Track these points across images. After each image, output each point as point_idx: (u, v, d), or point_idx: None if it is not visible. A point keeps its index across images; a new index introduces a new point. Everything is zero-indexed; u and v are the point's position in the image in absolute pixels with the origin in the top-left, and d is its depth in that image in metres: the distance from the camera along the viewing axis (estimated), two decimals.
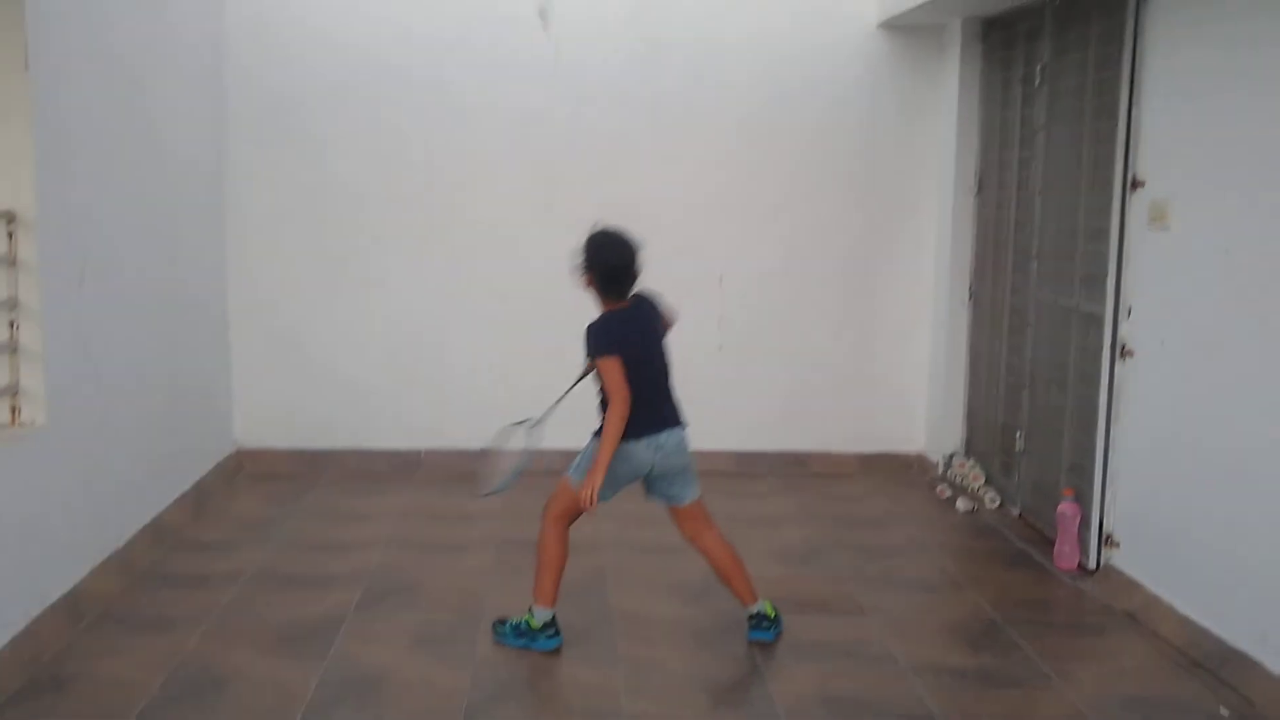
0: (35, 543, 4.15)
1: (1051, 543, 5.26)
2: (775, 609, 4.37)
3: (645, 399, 4.06)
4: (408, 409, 6.72)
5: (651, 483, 4.24)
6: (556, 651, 4.22)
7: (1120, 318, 4.85)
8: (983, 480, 6.20)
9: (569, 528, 4.26)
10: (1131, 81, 4.76)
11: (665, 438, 4.13)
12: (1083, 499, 5.08)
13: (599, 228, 4.17)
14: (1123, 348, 4.84)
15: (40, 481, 4.22)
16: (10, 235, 4.15)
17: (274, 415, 6.65)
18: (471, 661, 4.13)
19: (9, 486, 4.00)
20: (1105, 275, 4.91)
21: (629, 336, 4.07)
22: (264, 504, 6.00)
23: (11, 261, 4.16)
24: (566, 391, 4.33)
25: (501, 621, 4.32)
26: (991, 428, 6.24)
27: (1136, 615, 4.58)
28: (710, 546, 4.31)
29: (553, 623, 4.24)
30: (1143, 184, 4.70)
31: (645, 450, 4.10)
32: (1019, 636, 4.40)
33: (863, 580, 5.03)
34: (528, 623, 4.23)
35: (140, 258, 5.20)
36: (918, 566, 5.29)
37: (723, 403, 6.74)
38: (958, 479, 6.36)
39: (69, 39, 4.42)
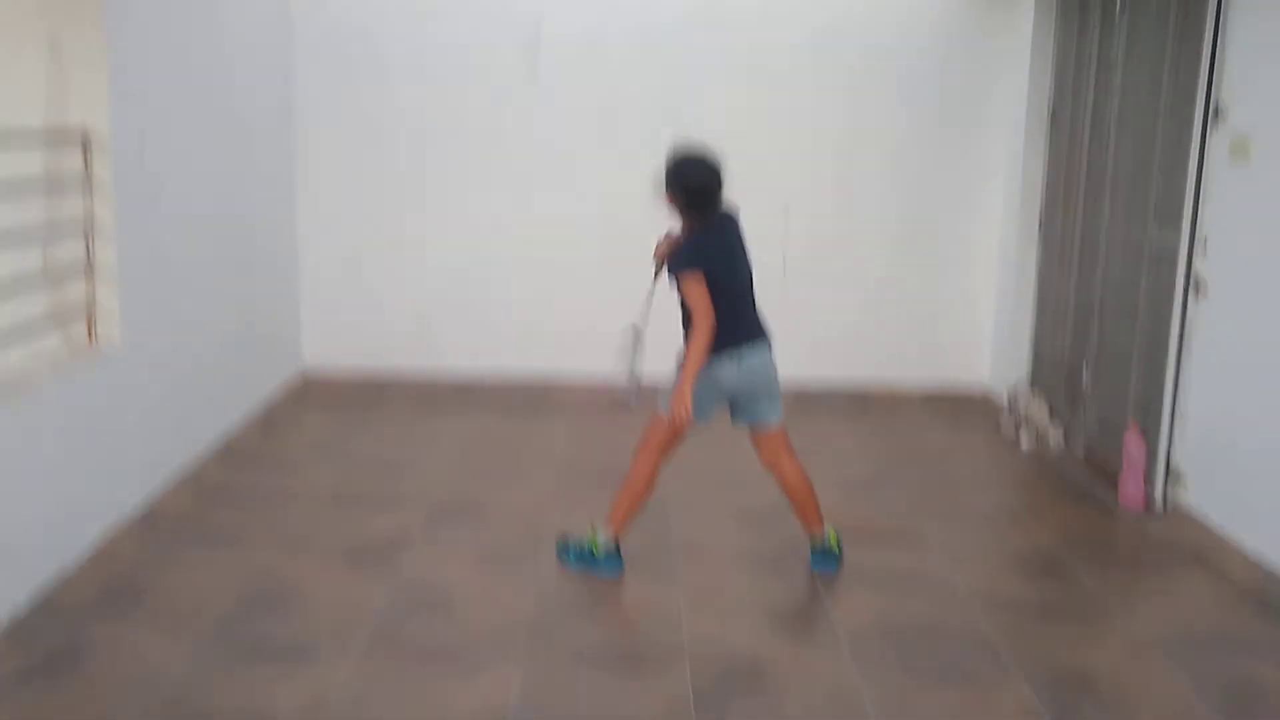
0: (111, 458, 4.27)
1: (1116, 480, 5.21)
2: (840, 543, 4.38)
3: (728, 315, 4.04)
4: (471, 333, 6.78)
5: (736, 403, 4.23)
6: (619, 579, 4.27)
7: (1195, 253, 4.75)
8: (1047, 415, 6.14)
9: (662, 461, 4.26)
10: (1219, 7, 4.61)
11: (748, 352, 4.11)
12: (1149, 436, 5.02)
13: (682, 147, 4.14)
14: (1196, 283, 4.75)
15: (116, 399, 4.32)
16: (86, 155, 4.20)
17: (340, 338, 6.74)
18: (535, 579, 4.20)
19: (86, 403, 4.10)
20: (1181, 208, 4.80)
21: (711, 254, 4.05)
22: (330, 425, 6.10)
23: (88, 182, 4.22)
24: (652, 292, 4.28)
25: (565, 541, 4.37)
26: (1058, 362, 6.17)
27: (1203, 555, 4.54)
28: (788, 472, 4.32)
29: (617, 552, 4.28)
30: (1225, 115, 4.58)
31: (728, 365, 4.09)
32: (1080, 571, 4.39)
33: (923, 512, 5.02)
34: (591, 549, 4.27)
35: (211, 179, 5.26)
36: (980, 500, 5.27)
37: (786, 330, 6.67)
38: (1022, 413, 6.31)
39: None
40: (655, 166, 4.17)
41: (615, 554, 4.27)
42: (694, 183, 4.06)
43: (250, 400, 5.84)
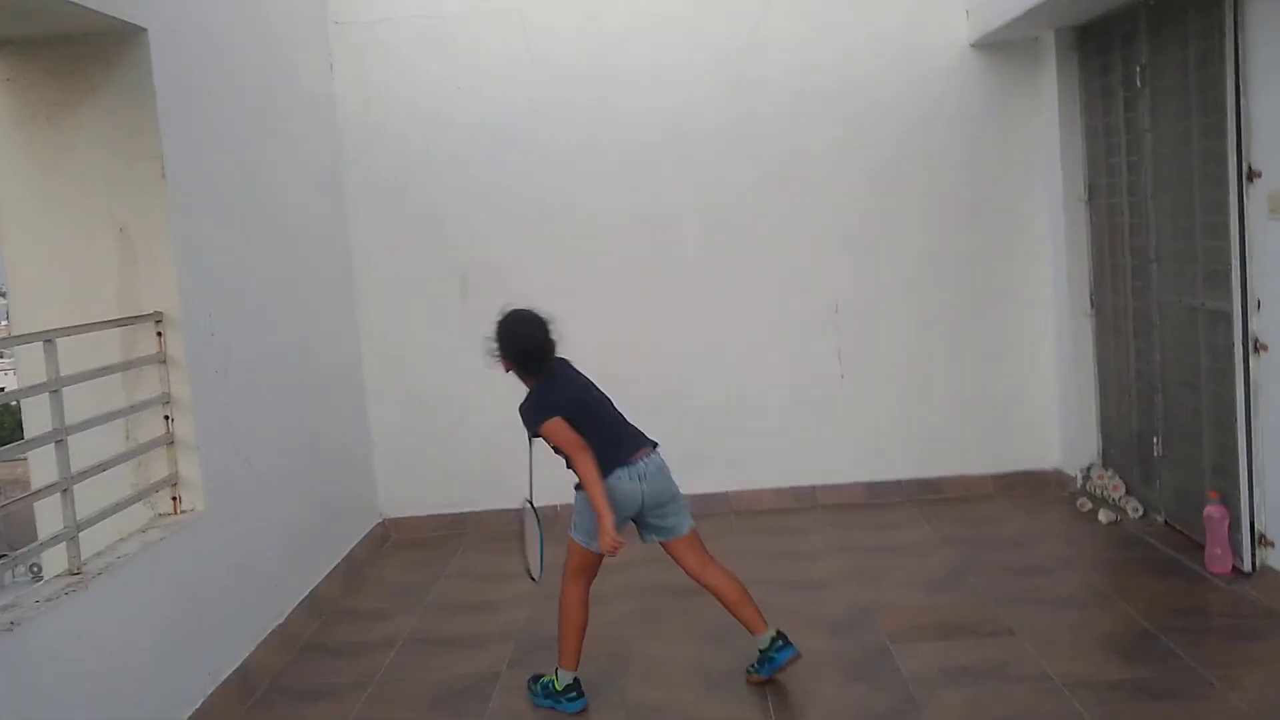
0: (204, 622, 4.37)
1: (1201, 548, 5.14)
2: (781, 631, 4.28)
3: (606, 439, 4.14)
4: (539, 465, 6.84)
5: (643, 520, 4.26)
6: (583, 713, 4.23)
7: (1250, 312, 4.75)
8: (1123, 490, 6.08)
9: (588, 587, 4.31)
10: (1237, 73, 4.70)
11: (644, 464, 4.18)
12: (1229, 500, 4.96)
13: (506, 311, 4.28)
14: (1255, 342, 4.74)
15: (205, 564, 4.44)
16: (160, 334, 4.40)
17: (415, 484, 6.85)
18: (623, 709, 4.21)
19: (177, 571, 4.22)
20: (1229, 270, 4.82)
21: (563, 397, 4.18)
22: (412, 569, 6.18)
23: (162, 359, 4.41)
24: (530, 468, 4.43)
25: (536, 679, 4.37)
26: (1127, 436, 6.13)
27: None
28: (715, 580, 4.30)
29: (575, 685, 4.26)
30: (1259, 174, 4.63)
31: (629, 481, 4.14)
32: (1176, 645, 4.32)
33: (1008, 601, 4.97)
34: (553, 684, 4.28)
35: (278, 344, 5.45)
36: (1064, 583, 5.21)
37: (849, 433, 6.78)
38: (1097, 491, 6.25)
39: (199, 146, 4.70)
40: (710, 285, 4.27)
41: (574, 686, 4.25)
42: (525, 343, 4.21)
43: (333, 553, 5.96)
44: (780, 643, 4.25)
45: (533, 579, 4.48)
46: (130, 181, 4.33)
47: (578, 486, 4.21)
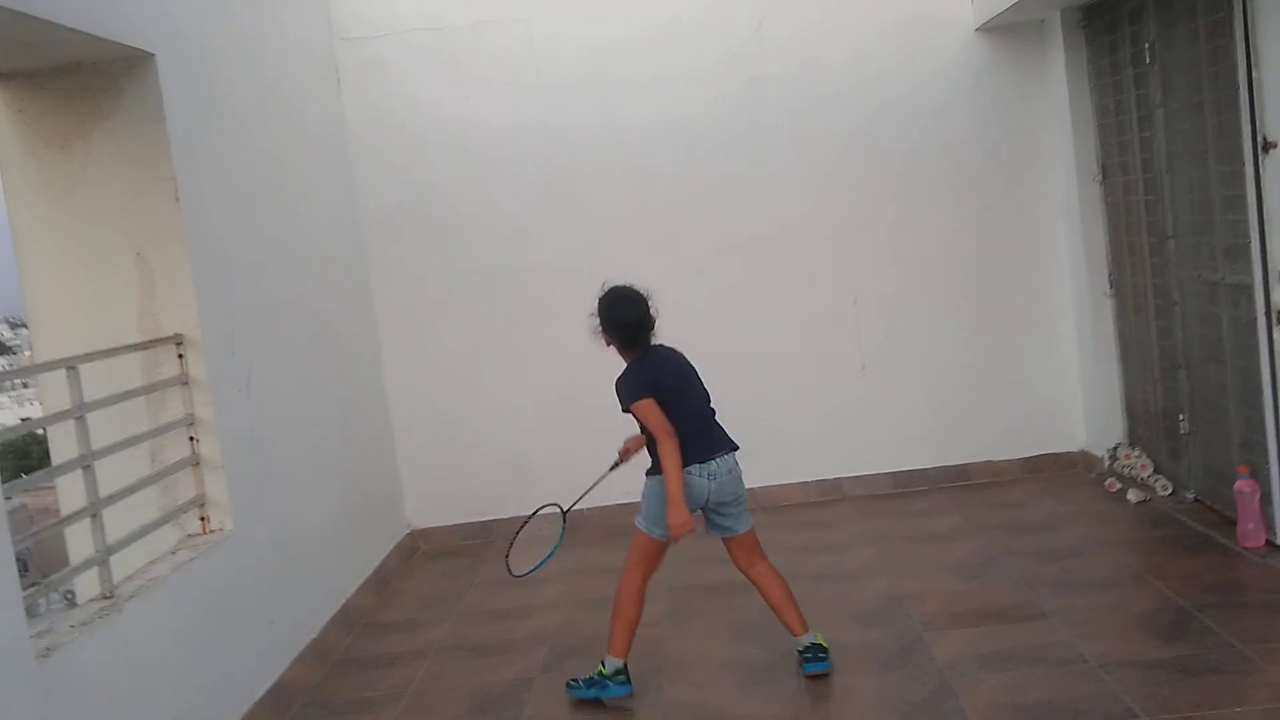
0: (238, 640, 4.39)
1: (1233, 523, 5.10)
2: (825, 640, 4.35)
3: (689, 430, 4.18)
4: (565, 470, 6.82)
5: (708, 514, 4.31)
6: (629, 697, 4.29)
7: (1271, 284, 4.72)
8: (1151, 469, 6.05)
9: (647, 578, 4.34)
10: (1248, 44, 4.67)
11: (717, 464, 4.22)
12: (1260, 473, 4.92)
13: (608, 287, 4.35)
14: (1278, 314, 4.70)
15: (236, 582, 4.46)
16: (181, 356, 4.42)
17: (441, 493, 6.87)
18: (659, 707, 4.20)
19: (209, 590, 4.24)
20: (1249, 243, 4.79)
21: (658, 377, 4.21)
22: (442, 579, 6.20)
23: (184, 381, 4.43)
24: (596, 482, 4.54)
25: (574, 681, 4.40)
26: (1153, 414, 6.10)
27: None
28: (762, 577, 4.36)
29: (624, 670, 4.30)
30: (1275, 145, 4.59)
31: (698, 478, 4.18)
32: (1212, 621, 4.29)
33: (1042, 584, 4.95)
34: (600, 672, 4.32)
35: (299, 361, 5.48)
36: (1096, 564, 5.19)
37: (873, 424, 6.77)
38: (1125, 470, 6.22)
39: (211, 169, 4.72)
40: (726, 276, 4.28)
41: (622, 671, 4.30)
42: (623, 320, 4.27)
43: (363, 566, 5.98)
44: (810, 655, 4.30)
45: (510, 573, 4.50)
46: (145, 206, 4.36)
47: (649, 472, 4.26)
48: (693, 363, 4.40)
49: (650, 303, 4.30)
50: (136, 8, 4.20)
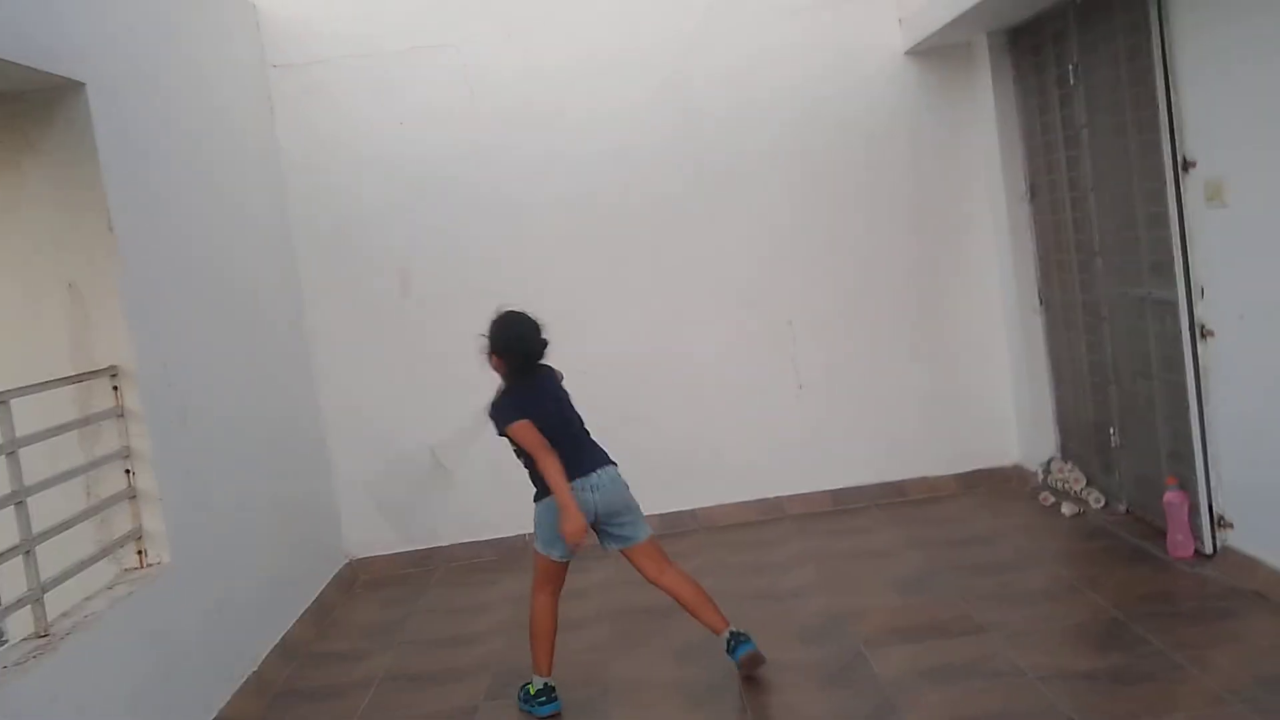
0: (178, 674, 4.33)
1: (1163, 534, 5.21)
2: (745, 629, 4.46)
3: (566, 449, 4.26)
4: (505, 496, 6.81)
5: (601, 530, 4.39)
6: (556, 716, 4.36)
7: (1194, 299, 4.84)
8: (1084, 482, 6.17)
9: (556, 596, 4.44)
10: (1165, 65, 4.80)
11: (597, 476, 4.31)
12: (1188, 485, 5.04)
13: (503, 310, 4.40)
14: (1202, 329, 4.83)
15: (175, 616, 4.40)
16: (115, 389, 4.36)
17: (379, 522, 6.79)
18: None
19: (147, 625, 4.18)
20: (1172, 260, 4.91)
21: (533, 401, 4.29)
22: (382, 608, 6.14)
23: (120, 413, 4.37)
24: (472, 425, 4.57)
25: (524, 686, 4.50)
26: (1084, 428, 6.22)
27: (1263, 593, 4.53)
28: (673, 583, 4.45)
29: (545, 689, 4.38)
30: (1194, 164, 4.72)
31: (582, 493, 4.26)
32: (1145, 631, 4.38)
33: (979, 598, 5.02)
34: (528, 690, 4.41)
35: (235, 392, 5.41)
36: (1032, 577, 5.27)
37: (811, 443, 6.82)
38: (1058, 484, 6.33)
39: (145, 198, 4.66)
40: (662, 299, 4.35)
41: (548, 693, 4.38)
42: (519, 345, 4.35)
43: (302, 597, 5.91)
44: (735, 642, 4.38)
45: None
46: (77, 237, 4.30)
47: (536, 498, 4.34)
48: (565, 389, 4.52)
49: (543, 332, 4.37)
50: (64, 37, 4.15)
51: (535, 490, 4.36)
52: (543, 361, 4.44)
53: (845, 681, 4.35)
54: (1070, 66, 5.71)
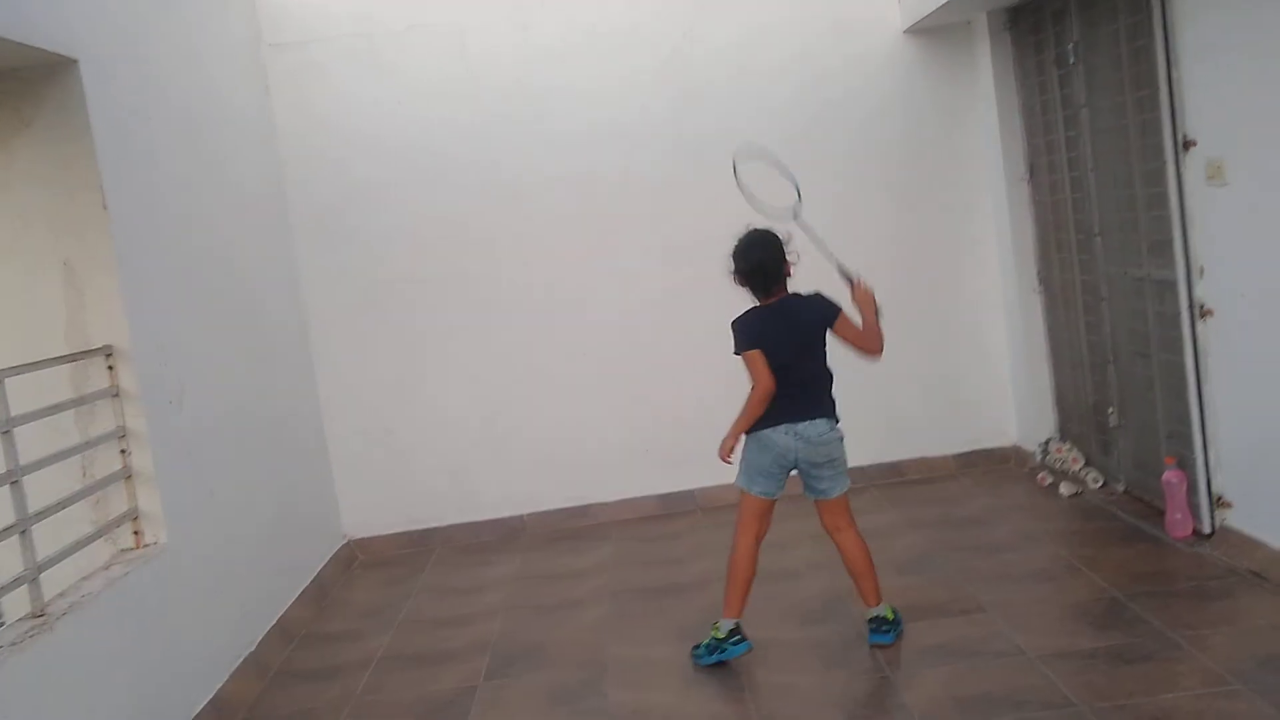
0: (175, 655, 4.32)
1: (1162, 514, 5.21)
2: (895, 611, 4.47)
3: (786, 390, 4.27)
4: (504, 477, 6.85)
5: (804, 476, 4.40)
6: (748, 654, 4.42)
7: (1193, 279, 4.83)
8: (1082, 462, 6.16)
9: (759, 540, 4.44)
10: (1166, 44, 4.78)
11: (805, 426, 4.30)
12: (1187, 465, 5.04)
13: (748, 229, 4.38)
14: (1201, 308, 4.82)
15: (171, 597, 4.39)
16: (111, 368, 4.34)
17: (378, 503, 6.80)
18: (604, 713, 4.20)
19: (144, 605, 4.17)
20: (1171, 239, 4.90)
21: (767, 332, 4.28)
22: (381, 589, 6.14)
23: (115, 393, 4.36)
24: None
25: (696, 648, 4.48)
26: (1083, 408, 6.21)
27: (1261, 573, 4.53)
28: (846, 542, 4.45)
29: (737, 629, 4.40)
30: (1194, 143, 4.70)
31: (784, 437, 4.29)
32: (1144, 610, 4.38)
33: (978, 578, 5.02)
34: (714, 636, 4.41)
35: (231, 372, 5.39)
36: (1030, 557, 5.27)
37: None
38: (1057, 464, 6.33)
39: (139, 176, 4.64)
40: (661, 279, 4.33)
41: (736, 631, 4.42)
42: (746, 263, 4.32)
43: (300, 577, 5.90)
44: (875, 627, 4.43)
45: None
46: (71, 216, 4.27)
47: (748, 432, 4.35)
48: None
49: (780, 250, 4.32)
50: (57, 13, 4.11)
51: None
52: (799, 291, 4.38)
53: (845, 661, 4.35)
54: (1070, 45, 5.68)
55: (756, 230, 4.35)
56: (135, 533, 4.42)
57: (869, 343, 4.41)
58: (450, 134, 6.64)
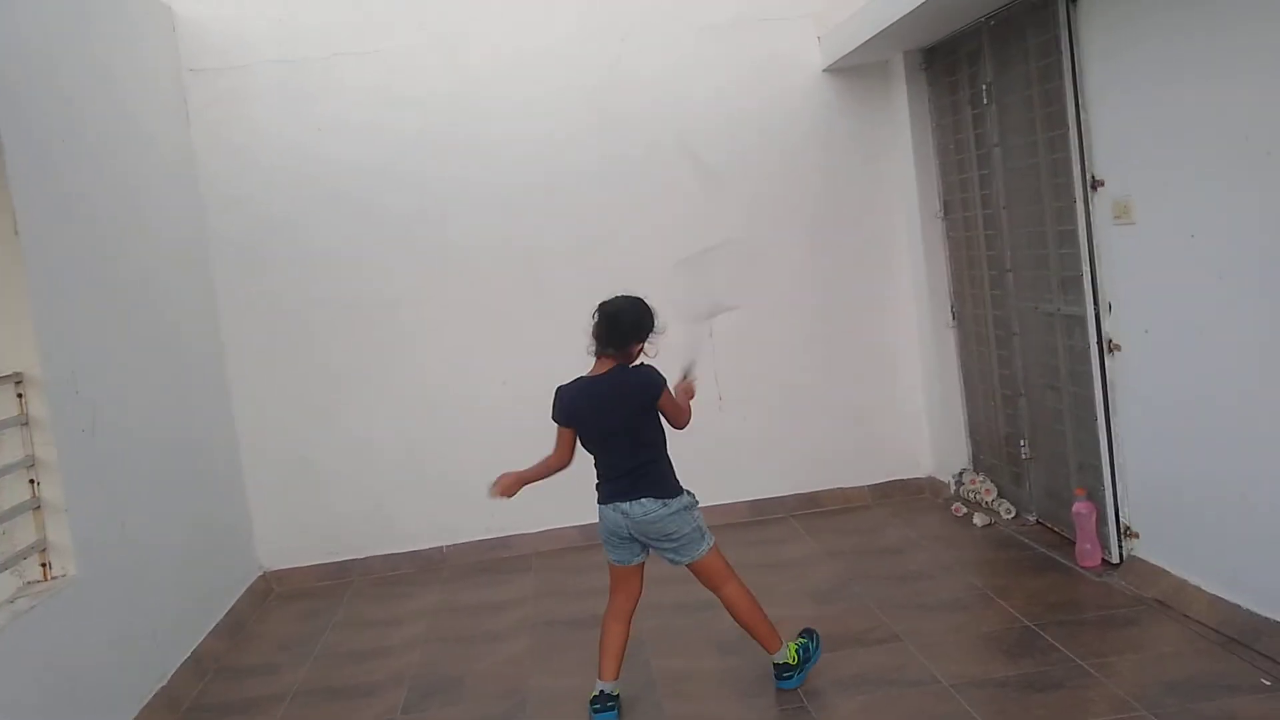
0: (83, 690, 4.22)
1: (1072, 544, 5.33)
2: (802, 647, 4.41)
3: (606, 465, 4.26)
4: (424, 507, 6.79)
5: (649, 547, 4.33)
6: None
7: (1101, 314, 4.97)
8: (995, 493, 6.28)
9: (623, 610, 4.36)
10: (1075, 86, 4.93)
11: (630, 506, 4.20)
12: (1095, 496, 5.16)
13: (615, 296, 4.35)
14: (1109, 343, 4.95)
15: (80, 630, 4.29)
16: (20, 396, 4.25)
17: (295, 534, 6.70)
18: None
19: (51, 639, 4.07)
20: (1081, 276, 5.04)
21: (582, 410, 4.25)
22: (297, 621, 6.05)
23: (24, 421, 4.26)
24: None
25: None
26: (995, 440, 6.34)
27: (1166, 601, 4.65)
28: (728, 599, 4.36)
29: (600, 696, 4.29)
30: (1103, 183, 4.85)
31: (612, 514, 4.24)
32: (1055, 639, 4.47)
33: (893, 608, 5.09)
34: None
35: (146, 401, 5.30)
36: (945, 586, 5.35)
37: (730, 454, 6.85)
38: (970, 495, 6.44)
39: (52, 201, 4.55)
40: (582, 317, 4.34)
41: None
42: (597, 321, 4.29)
43: (215, 610, 5.79)
44: (779, 670, 4.36)
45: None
46: None
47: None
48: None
49: (623, 314, 4.28)
50: None
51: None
52: (638, 361, 4.30)
53: (762, 691, 4.38)
54: (984, 86, 5.83)
55: (621, 295, 4.32)
56: (43, 564, 4.31)
57: (679, 421, 4.42)
58: (372, 162, 6.60)
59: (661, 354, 4.35)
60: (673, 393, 4.35)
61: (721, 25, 6.74)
